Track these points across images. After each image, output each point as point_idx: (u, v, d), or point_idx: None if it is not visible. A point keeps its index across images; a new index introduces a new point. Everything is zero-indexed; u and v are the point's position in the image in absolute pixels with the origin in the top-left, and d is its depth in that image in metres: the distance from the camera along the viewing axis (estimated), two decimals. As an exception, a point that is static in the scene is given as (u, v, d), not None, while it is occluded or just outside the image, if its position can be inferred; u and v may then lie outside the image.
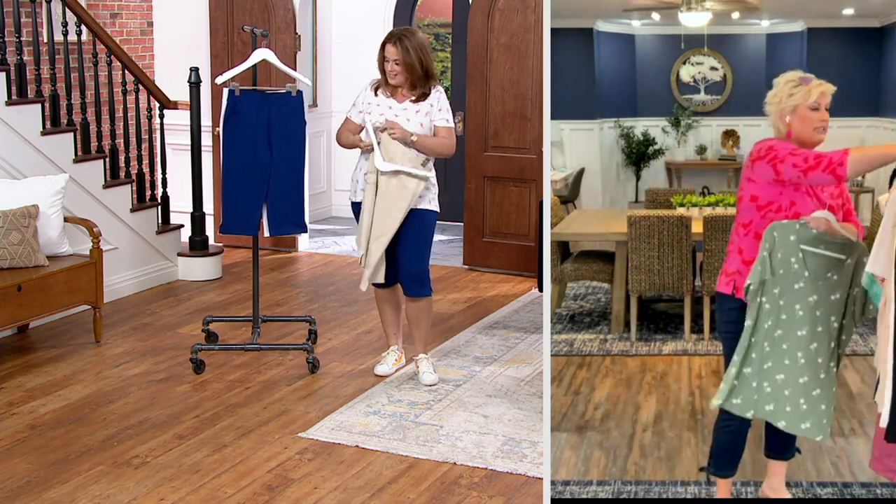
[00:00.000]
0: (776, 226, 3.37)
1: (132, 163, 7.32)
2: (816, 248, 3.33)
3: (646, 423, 4.20)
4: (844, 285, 3.34)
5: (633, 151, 6.16)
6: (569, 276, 5.38)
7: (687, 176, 6.27)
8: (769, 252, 3.36)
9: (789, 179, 3.32)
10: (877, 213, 3.94)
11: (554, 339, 5.03)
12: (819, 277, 3.33)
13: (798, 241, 3.34)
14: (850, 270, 3.34)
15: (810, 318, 3.33)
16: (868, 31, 5.51)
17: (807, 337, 3.31)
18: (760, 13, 5.98)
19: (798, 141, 3.41)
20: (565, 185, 5.89)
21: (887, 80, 5.38)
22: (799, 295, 3.33)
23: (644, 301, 5.27)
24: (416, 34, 5.02)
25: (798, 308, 3.33)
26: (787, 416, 3.32)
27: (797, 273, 3.33)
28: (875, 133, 5.52)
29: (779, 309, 3.34)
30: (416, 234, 5.05)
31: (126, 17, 7.98)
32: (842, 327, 3.38)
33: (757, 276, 3.39)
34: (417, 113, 5.00)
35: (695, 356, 4.90)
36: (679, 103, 6.22)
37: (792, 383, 3.30)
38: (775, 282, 3.36)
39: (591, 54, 5.82)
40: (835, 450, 3.98)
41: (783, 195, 3.40)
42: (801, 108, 3.40)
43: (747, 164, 3.43)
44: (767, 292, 3.37)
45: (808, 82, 3.41)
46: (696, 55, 6.23)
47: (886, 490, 3.66)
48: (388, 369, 5.35)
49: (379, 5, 9.29)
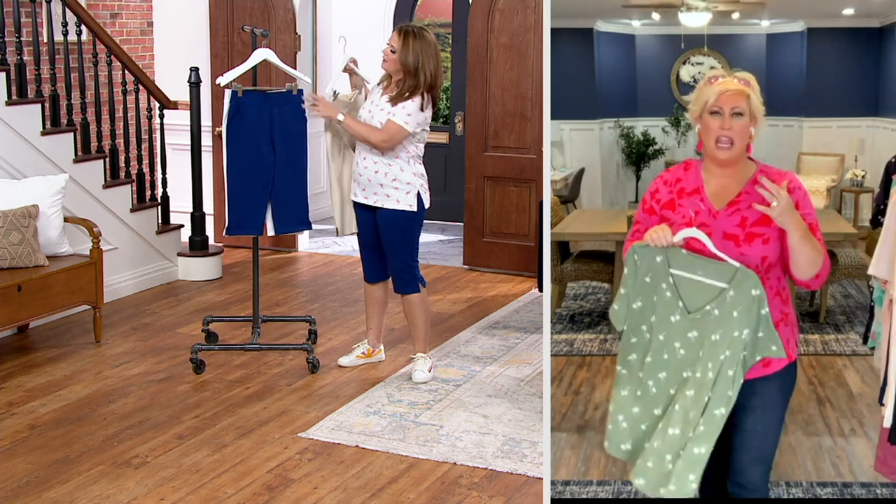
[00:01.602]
0: (636, 248, 2.92)
1: (132, 163, 7.31)
2: (690, 273, 2.84)
3: (646, 423, 4.19)
4: (728, 324, 2.79)
5: (633, 151, 6.15)
6: (569, 276, 5.38)
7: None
8: (632, 274, 2.92)
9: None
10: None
11: (554, 339, 5.03)
12: (695, 309, 2.85)
13: (665, 264, 2.88)
14: (734, 304, 2.78)
15: (694, 360, 2.84)
16: (868, 31, 5.51)
17: (693, 378, 2.83)
18: (760, 13, 5.98)
19: (708, 156, 2.93)
20: (565, 185, 5.88)
21: (887, 80, 5.38)
22: (676, 330, 2.87)
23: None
24: (426, 37, 4.96)
25: (678, 346, 2.87)
26: (646, 472, 2.84)
27: (671, 303, 2.87)
28: (875, 133, 5.52)
29: (660, 345, 2.89)
30: (388, 233, 5.08)
31: (126, 17, 7.98)
32: (719, 377, 2.79)
33: (624, 304, 2.95)
34: (382, 111, 5.00)
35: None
36: (679, 103, 6.22)
37: (662, 435, 2.84)
38: (646, 310, 2.92)
39: (591, 54, 5.82)
40: (835, 450, 3.99)
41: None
42: (704, 115, 2.87)
43: None
44: (644, 321, 2.92)
45: (715, 81, 2.88)
46: (696, 55, 6.23)
47: (886, 490, 3.66)
48: (350, 361, 5.43)
49: (379, 5, 9.30)
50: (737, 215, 2.87)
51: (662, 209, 2.99)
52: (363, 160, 5.05)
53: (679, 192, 2.98)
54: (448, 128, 9.23)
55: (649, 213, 3.04)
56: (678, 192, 2.98)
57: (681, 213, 2.94)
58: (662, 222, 2.95)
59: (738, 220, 2.87)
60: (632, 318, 2.93)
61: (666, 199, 2.99)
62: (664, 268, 2.87)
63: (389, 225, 5.06)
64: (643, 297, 2.90)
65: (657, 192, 3.04)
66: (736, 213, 2.88)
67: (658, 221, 2.98)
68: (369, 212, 5.12)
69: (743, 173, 2.92)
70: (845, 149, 5.84)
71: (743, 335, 2.77)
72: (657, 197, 3.03)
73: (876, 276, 3.11)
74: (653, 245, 2.87)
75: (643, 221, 3.05)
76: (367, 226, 5.18)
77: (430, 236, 8.71)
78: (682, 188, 2.98)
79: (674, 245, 2.86)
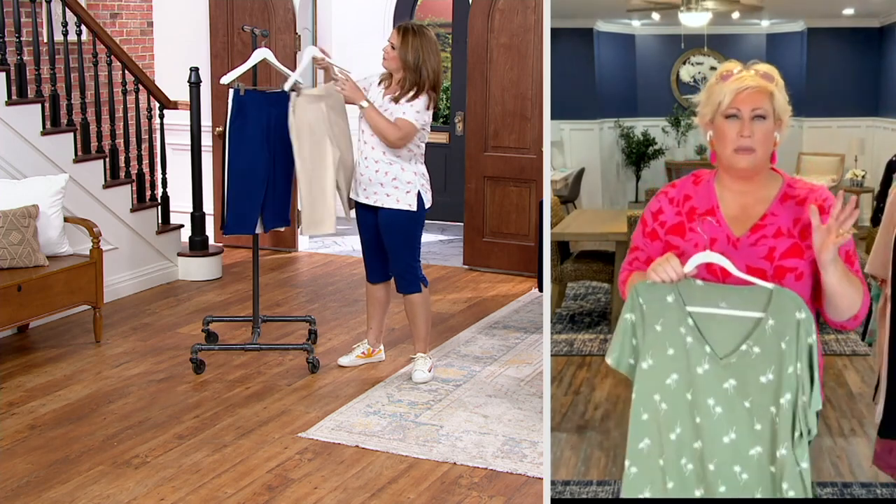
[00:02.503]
0: (640, 288, 2.34)
1: (132, 163, 7.31)
2: (712, 308, 2.28)
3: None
4: (775, 358, 2.25)
5: (633, 151, 6.15)
6: (569, 276, 5.38)
7: (687, 174, 6.26)
8: (639, 324, 2.34)
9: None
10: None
11: (554, 339, 5.03)
12: (728, 353, 2.27)
13: (680, 302, 2.30)
14: (778, 335, 2.25)
15: (738, 416, 2.26)
16: (868, 31, 5.51)
17: (739, 442, 2.26)
18: (760, 13, 5.98)
19: (723, 168, 2.41)
20: (565, 185, 5.88)
21: (887, 80, 5.38)
22: (708, 383, 2.28)
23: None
24: (426, 34, 4.97)
25: (713, 404, 2.27)
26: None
27: (695, 351, 2.29)
28: (875, 133, 5.52)
29: (686, 410, 2.29)
30: (388, 233, 5.07)
31: (126, 17, 7.98)
32: (777, 439, 2.24)
33: (622, 354, 2.38)
34: (386, 111, 4.98)
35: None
36: (679, 103, 6.22)
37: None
38: (661, 370, 2.31)
39: (591, 54, 5.81)
40: (835, 450, 3.99)
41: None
42: (717, 119, 2.35)
43: None
44: (659, 387, 2.31)
45: (730, 76, 2.35)
46: (696, 55, 6.23)
47: (886, 490, 3.66)
48: (350, 361, 5.42)
49: (379, 5, 9.30)
50: (762, 244, 2.35)
51: (668, 234, 2.46)
52: (364, 160, 5.04)
53: (689, 212, 2.45)
54: (448, 128, 9.23)
55: (651, 237, 2.50)
56: (688, 214, 2.44)
57: (692, 241, 2.40)
58: (668, 250, 2.42)
59: (764, 252, 2.34)
60: (641, 383, 2.34)
61: (673, 222, 2.46)
62: (679, 308, 2.30)
63: (390, 225, 5.06)
64: (655, 352, 2.32)
65: (661, 211, 2.50)
66: (762, 242, 2.35)
67: (662, 249, 2.44)
68: (371, 212, 5.12)
69: (767, 189, 2.40)
70: (845, 149, 5.84)
71: (798, 370, 2.23)
72: (661, 218, 2.49)
73: (872, 275, 3.12)
74: (660, 282, 2.32)
75: (643, 248, 2.52)
76: (368, 226, 5.18)
77: (430, 236, 8.71)
78: (693, 208, 2.44)
79: (686, 277, 2.31)
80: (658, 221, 2.48)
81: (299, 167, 5.11)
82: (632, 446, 2.35)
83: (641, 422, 2.33)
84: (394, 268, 5.17)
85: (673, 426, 2.30)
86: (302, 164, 5.11)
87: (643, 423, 2.33)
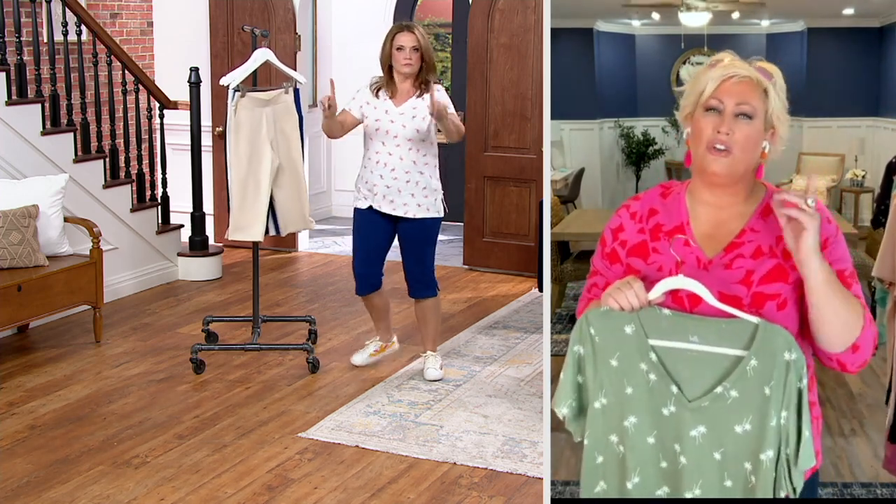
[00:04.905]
0: (590, 316, 2.00)
1: (132, 163, 7.31)
2: (681, 342, 1.91)
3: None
4: (756, 406, 1.88)
5: (633, 151, 6.15)
6: (569, 276, 5.38)
7: (687, 176, 6.26)
8: (589, 358, 2.01)
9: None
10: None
11: (554, 339, 5.02)
12: (699, 395, 1.91)
13: (641, 334, 1.94)
14: (761, 378, 1.87)
15: (705, 470, 1.91)
16: (868, 31, 5.51)
17: (705, 500, 1.92)
18: (760, 13, 5.98)
19: (696, 173, 2.07)
20: (565, 185, 5.88)
21: (887, 80, 5.38)
22: (673, 427, 1.92)
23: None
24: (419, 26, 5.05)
25: (678, 450, 1.93)
26: None
27: (658, 390, 1.93)
28: (875, 133, 5.52)
29: (649, 454, 1.95)
30: (417, 241, 5.06)
31: (126, 17, 7.98)
32: (777, 475, 1.88)
33: (568, 397, 2.03)
34: (414, 119, 4.97)
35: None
36: (679, 103, 6.21)
37: None
38: (615, 411, 1.97)
39: (591, 54, 5.81)
40: (835, 450, 3.98)
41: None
42: (697, 111, 2.02)
43: None
44: (613, 428, 1.97)
45: (715, 66, 2.03)
46: (696, 55, 6.22)
47: (886, 490, 3.66)
48: (363, 359, 5.42)
49: (379, 5, 9.29)
50: (738, 267, 1.96)
51: (629, 256, 2.09)
52: (391, 171, 4.95)
53: (654, 230, 2.07)
54: (448, 128, 9.22)
55: (611, 259, 2.13)
56: (652, 231, 2.07)
57: (656, 264, 2.03)
58: (629, 273, 2.05)
59: (740, 276, 1.96)
60: (594, 424, 2.00)
61: (634, 242, 2.08)
62: (640, 341, 1.93)
63: (420, 233, 5.04)
64: (609, 390, 1.98)
65: (621, 229, 2.12)
66: (737, 264, 1.96)
67: (623, 273, 2.07)
68: (389, 220, 5.08)
69: (747, 203, 2.02)
70: (845, 149, 5.84)
71: (783, 420, 1.87)
72: (621, 237, 2.11)
73: (880, 278, 3.11)
74: (618, 310, 1.96)
75: (602, 272, 2.16)
76: (382, 234, 5.10)
77: (430, 236, 8.71)
78: (658, 224, 2.07)
79: (649, 304, 1.94)
80: (618, 241, 2.11)
81: (233, 167, 5.07)
82: (585, 493, 2.04)
83: (595, 466, 2.02)
84: (413, 273, 5.14)
85: (630, 474, 1.97)
86: (238, 163, 5.07)
87: (597, 467, 2.02)
